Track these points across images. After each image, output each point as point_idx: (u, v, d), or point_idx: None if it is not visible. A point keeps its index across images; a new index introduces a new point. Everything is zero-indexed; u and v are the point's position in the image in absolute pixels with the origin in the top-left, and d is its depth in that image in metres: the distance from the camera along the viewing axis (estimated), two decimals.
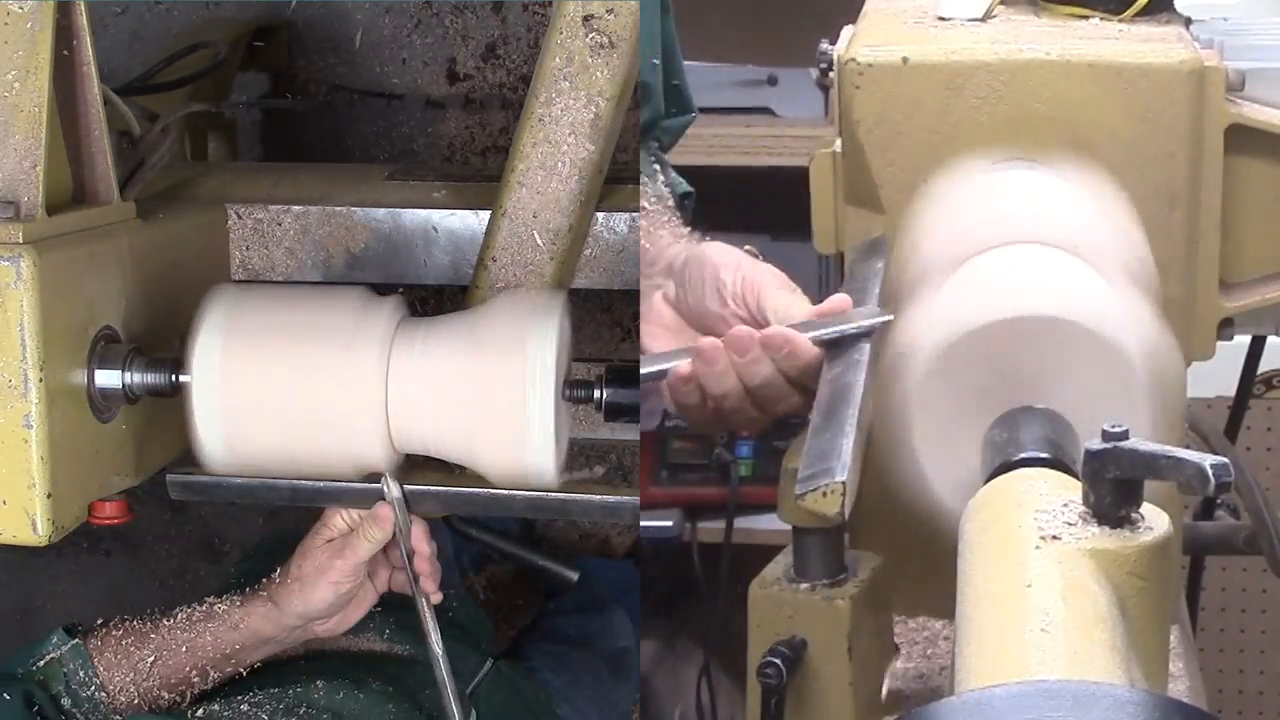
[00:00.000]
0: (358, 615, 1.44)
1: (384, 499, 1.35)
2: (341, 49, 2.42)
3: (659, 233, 1.36)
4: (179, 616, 1.40)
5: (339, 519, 1.40)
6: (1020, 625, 0.78)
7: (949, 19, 1.29)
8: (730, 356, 1.14)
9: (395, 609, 1.65)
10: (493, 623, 1.92)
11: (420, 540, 1.39)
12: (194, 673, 1.39)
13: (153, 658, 1.37)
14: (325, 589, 1.38)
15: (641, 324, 1.28)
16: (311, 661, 1.56)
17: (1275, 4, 2.10)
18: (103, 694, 1.36)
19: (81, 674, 1.36)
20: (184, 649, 1.38)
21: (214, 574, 2.69)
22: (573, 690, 1.89)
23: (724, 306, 1.21)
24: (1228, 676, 2.50)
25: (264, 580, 1.42)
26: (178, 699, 1.40)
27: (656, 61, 1.50)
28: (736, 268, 1.22)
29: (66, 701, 1.35)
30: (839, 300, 1.16)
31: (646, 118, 1.52)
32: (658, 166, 1.50)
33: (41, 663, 1.36)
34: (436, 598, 1.40)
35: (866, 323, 1.14)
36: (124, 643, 1.38)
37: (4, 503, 1.22)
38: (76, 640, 1.37)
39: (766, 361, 1.14)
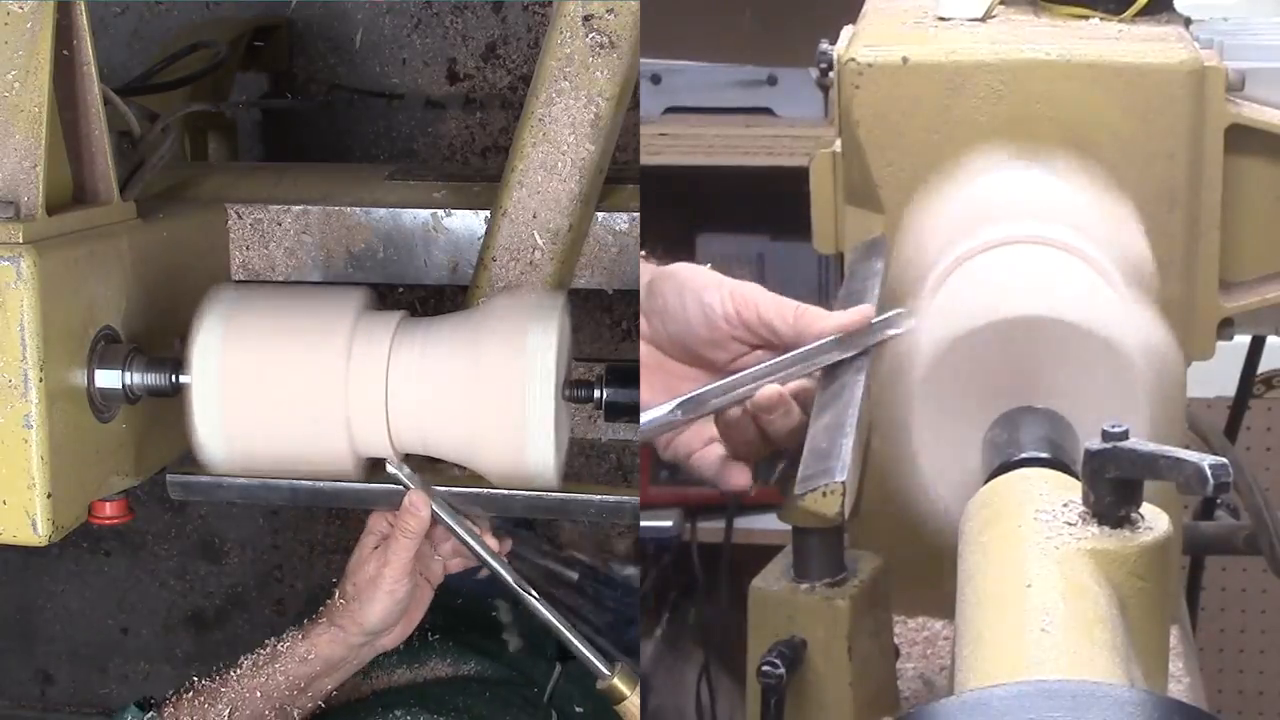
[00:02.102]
0: (419, 615, 1.43)
1: (403, 489, 1.34)
2: (341, 49, 2.42)
3: None
4: (245, 665, 1.38)
5: (382, 522, 1.38)
6: (1020, 625, 0.78)
7: (949, 19, 1.29)
8: (759, 418, 1.09)
9: (453, 631, 1.65)
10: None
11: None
12: (272, 712, 1.38)
13: (228, 710, 1.36)
14: (381, 599, 1.36)
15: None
16: (381, 696, 1.55)
17: (1275, 4, 2.10)
18: None
19: None
20: (258, 694, 1.37)
21: (214, 574, 2.69)
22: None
23: (714, 331, 1.14)
24: (1228, 676, 2.50)
25: (322, 607, 1.41)
26: None
27: None
28: (719, 286, 1.14)
29: None
30: (862, 312, 1.11)
31: None
32: None
33: None
34: (504, 546, 1.38)
35: (892, 331, 1.12)
36: (196, 702, 1.37)
37: (4, 503, 1.22)
38: (151, 714, 1.36)
39: (796, 410, 1.10)
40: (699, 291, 1.15)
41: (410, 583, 1.38)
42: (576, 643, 1.36)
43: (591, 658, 1.35)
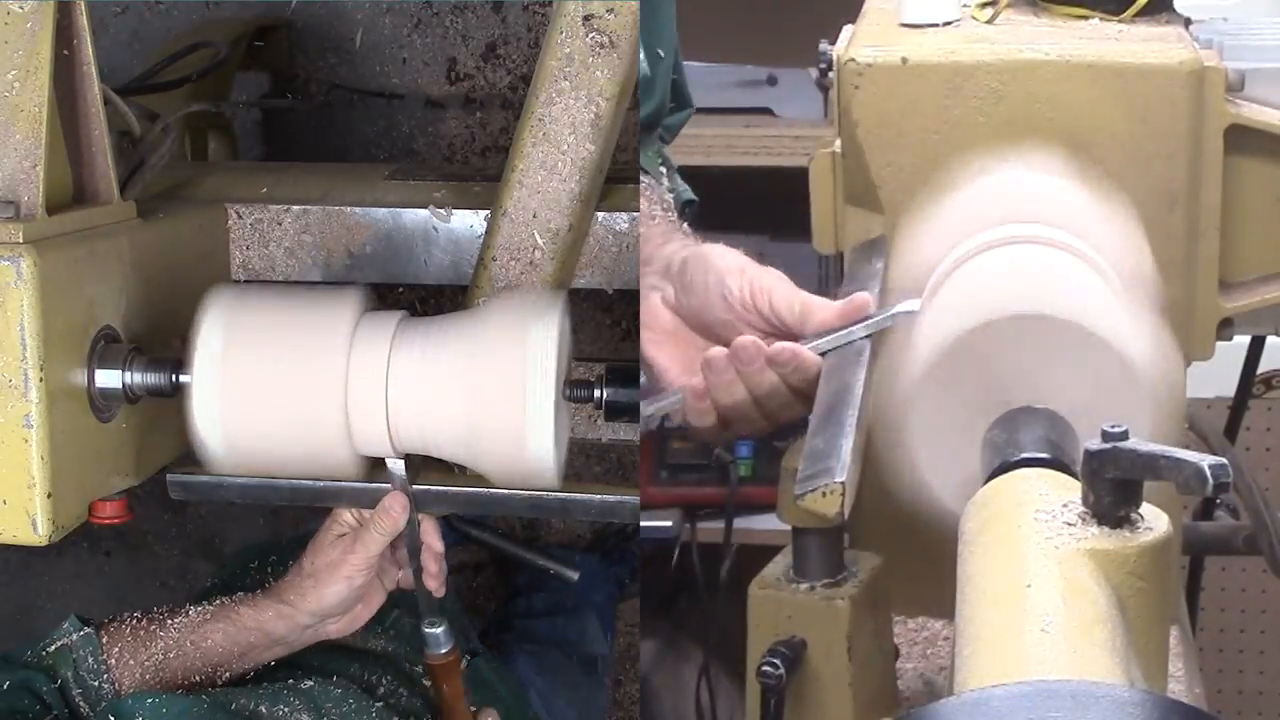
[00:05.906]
0: (367, 615, 1.44)
1: (391, 491, 1.35)
2: (341, 49, 2.42)
3: (651, 233, 1.35)
4: (191, 614, 1.39)
5: (347, 515, 1.40)
6: (1020, 625, 0.78)
7: (914, 25, 1.28)
8: (735, 366, 1.14)
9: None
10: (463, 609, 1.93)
11: (431, 535, 1.39)
12: (206, 668, 1.38)
13: (162, 655, 1.36)
14: (339, 584, 1.38)
15: (642, 329, 1.26)
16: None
17: (1275, 4, 2.10)
18: (110, 686, 1.34)
19: (91, 661, 1.33)
20: (195, 649, 1.37)
21: (214, 574, 2.69)
22: (552, 692, 1.90)
23: (730, 312, 1.20)
24: (1228, 676, 2.50)
25: (276, 581, 1.42)
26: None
27: (662, 54, 1.48)
28: (741, 272, 1.20)
29: (76, 691, 1.33)
30: (861, 300, 1.15)
31: (649, 111, 1.50)
32: (664, 169, 1.49)
33: (51, 648, 1.35)
34: (439, 592, 1.40)
35: (901, 308, 1.13)
36: (136, 636, 1.37)
37: (4, 503, 1.22)
38: (89, 630, 1.36)
39: (771, 371, 1.14)
40: (722, 274, 1.21)
41: (368, 577, 1.39)
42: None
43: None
